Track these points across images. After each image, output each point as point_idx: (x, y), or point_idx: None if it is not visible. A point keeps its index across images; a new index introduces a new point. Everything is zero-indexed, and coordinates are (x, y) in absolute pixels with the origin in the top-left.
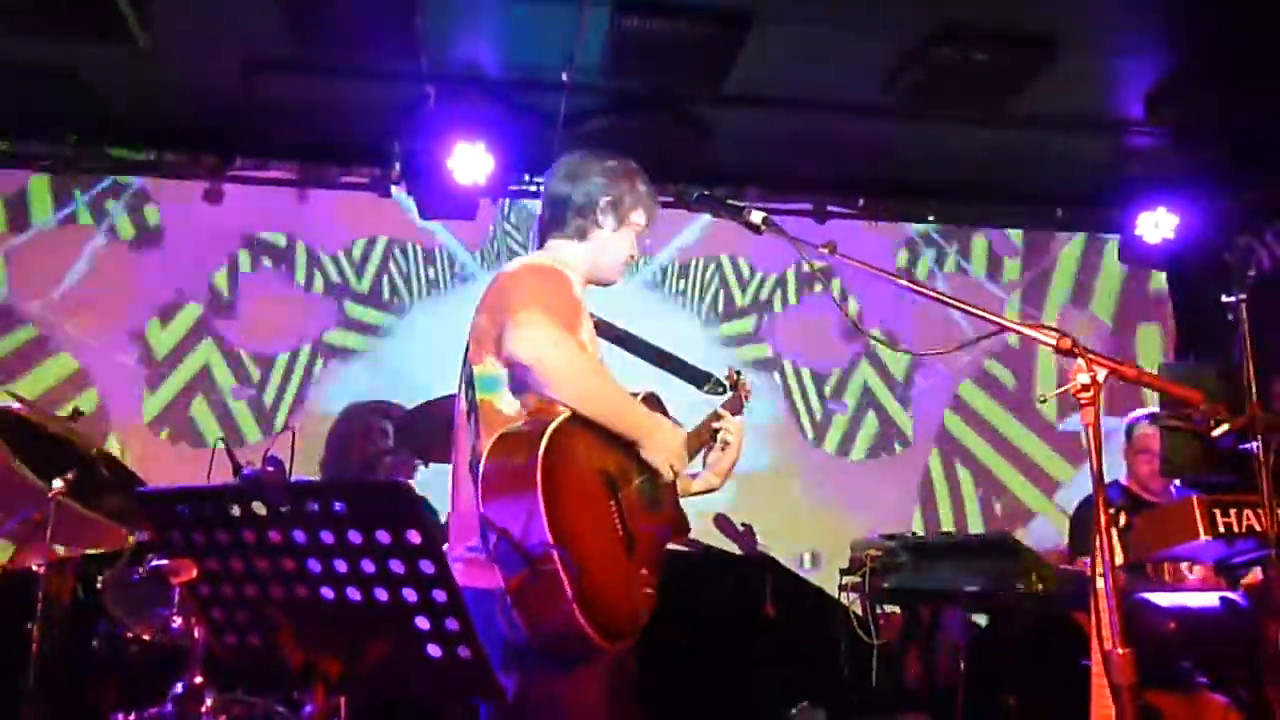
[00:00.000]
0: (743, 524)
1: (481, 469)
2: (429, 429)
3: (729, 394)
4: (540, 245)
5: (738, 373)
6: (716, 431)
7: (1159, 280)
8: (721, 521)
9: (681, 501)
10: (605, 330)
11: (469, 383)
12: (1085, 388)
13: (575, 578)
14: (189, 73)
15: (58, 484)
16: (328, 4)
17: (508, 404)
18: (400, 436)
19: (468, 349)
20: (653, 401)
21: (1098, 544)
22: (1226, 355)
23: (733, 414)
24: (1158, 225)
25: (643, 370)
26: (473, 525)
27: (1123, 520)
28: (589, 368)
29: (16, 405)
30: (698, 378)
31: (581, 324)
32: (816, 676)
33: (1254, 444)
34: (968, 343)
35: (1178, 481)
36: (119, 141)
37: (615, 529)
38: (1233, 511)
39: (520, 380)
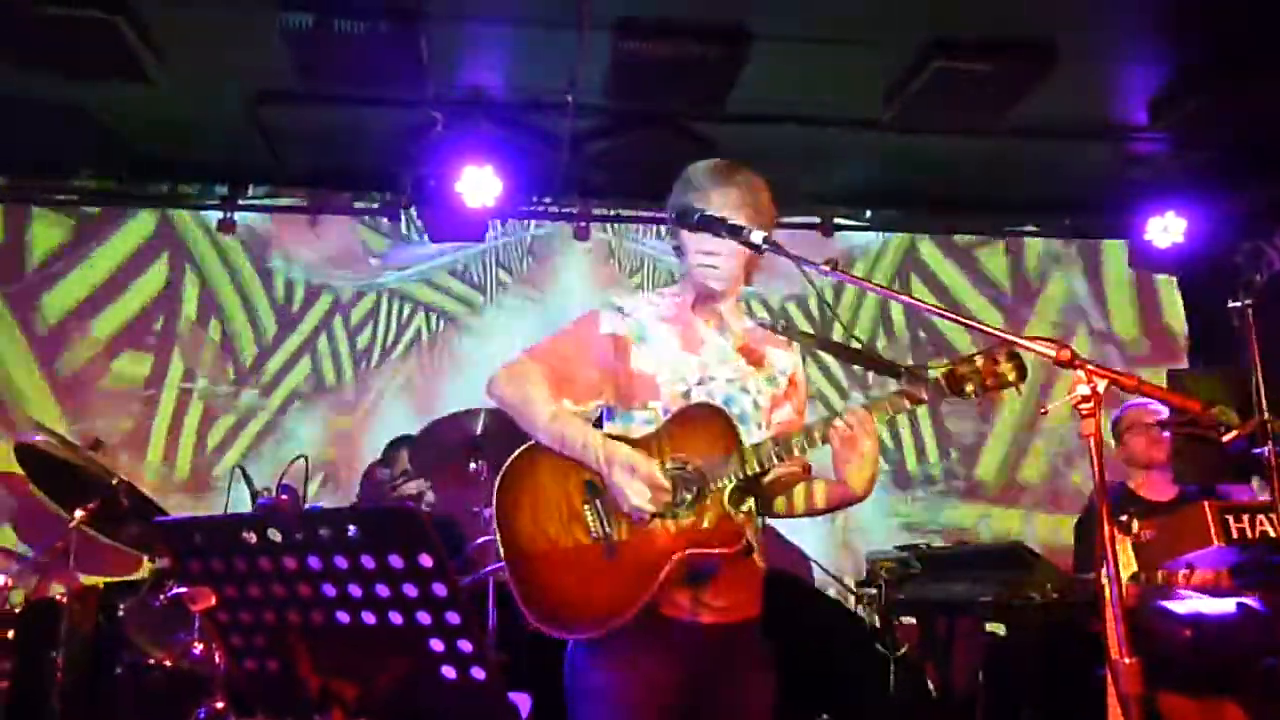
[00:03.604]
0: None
1: None
2: (440, 449)
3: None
4: None
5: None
6: (826, 427)
7: (1169, 285)
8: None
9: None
10: (795, 334)
11: None
12: (1086, 399)
13: (521, 579)
14: (200, 107)
15: (79, 513)
16: (334, 36)
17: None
18: (413, 457)
19: None
20: (703, 413)
21: (1105, 554)
22: (1237, 360)
23: (901, 405)
24: (1167, 229)
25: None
26: None
27: (1135, 527)
28: (519, 399)
29: (39, 438)
30: (894, 371)
31: (591, 354)
32: (834, 689)
33: (1265, 449)
34: (967, 357)
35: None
36: (133, 176)
37: (583, 531)
38: (1245, 517)
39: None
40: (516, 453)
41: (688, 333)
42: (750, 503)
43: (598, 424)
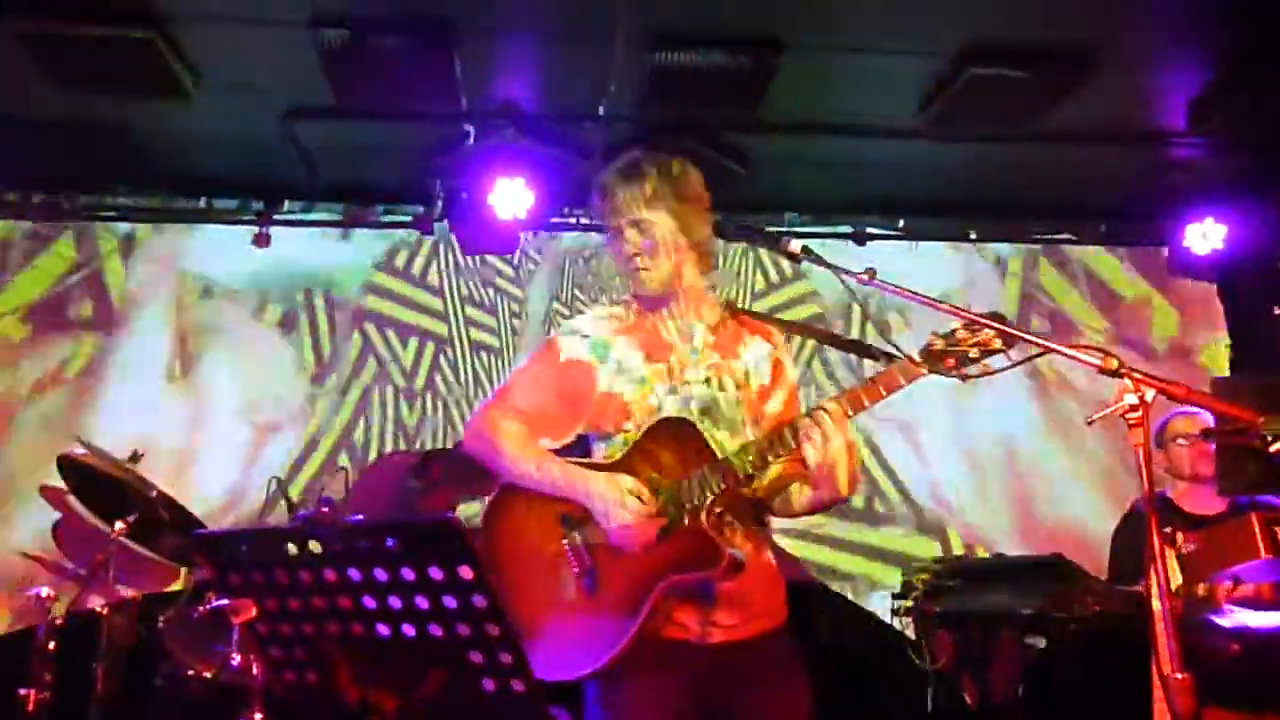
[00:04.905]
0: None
1: None
2: (469, 463)
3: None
4: None
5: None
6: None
7: (1210, 292)
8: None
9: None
10: (797, 329)
11: None
12: (1134, 408)
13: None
14: (235, 123)
15: (119, 526)
16: (367, 52)
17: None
18: (443, 472)
19: None
20: (671, 428)
21: (1153, 567)
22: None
23: (876, 393)
24: (1206, 236)
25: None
26: None
27: (1180, 540)
28: (486, 434)
29: (80, 451)
30: (871, 354)
31: (555, 386)
32: (872, 703)
33: None
34: (1010, 365)
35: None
36: (169, 191)
37: (565, 569)
38: None
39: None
40: (489, 499)
41: (650, 340)
42: (729, 517)
43: (585, 453)
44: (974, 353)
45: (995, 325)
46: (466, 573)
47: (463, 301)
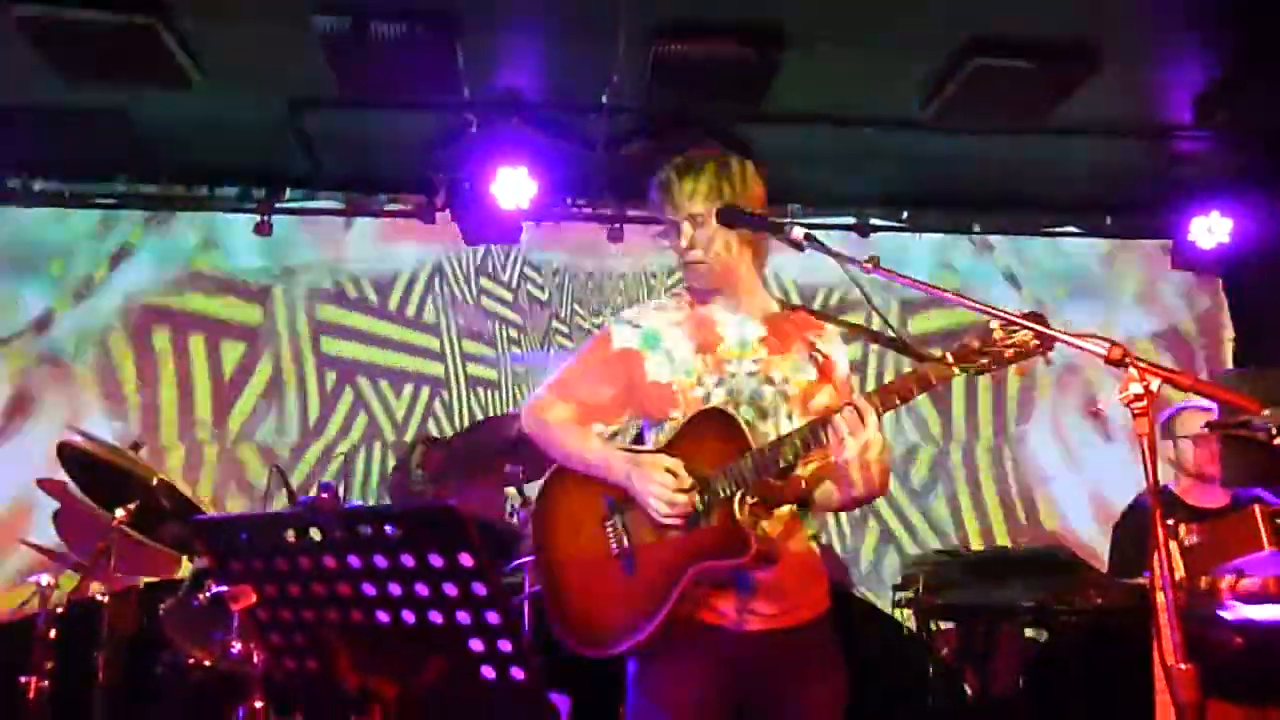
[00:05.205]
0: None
1: None
2: (478, 451)
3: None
4: None
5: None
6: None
7: (1214, 286)
8: None
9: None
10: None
11: None
12: (1139, 398)
13: (552, 591)
14: (237, 111)
15: (120, 514)
16: (370, 41)
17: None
18: (449, 459)
19: None
20: (711, 419)
21: (1157, 558)
22: None
23: (909, 390)
24: (1211, 230)
25: None
26: None
27: (1182, 532)
28: (539, 419)
29: (79, 439)
30: (911, 352)
31: (605, 374)
32: (871, 697)
33: None
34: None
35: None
36: (170, 179)
37: (605, 549)
38: None
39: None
40: (545, 477)
41: (701, 332)
42: (764, 509)
43: (638, 440)
44: (1009, 353)
45: (999, 313)
46: (467, 560)
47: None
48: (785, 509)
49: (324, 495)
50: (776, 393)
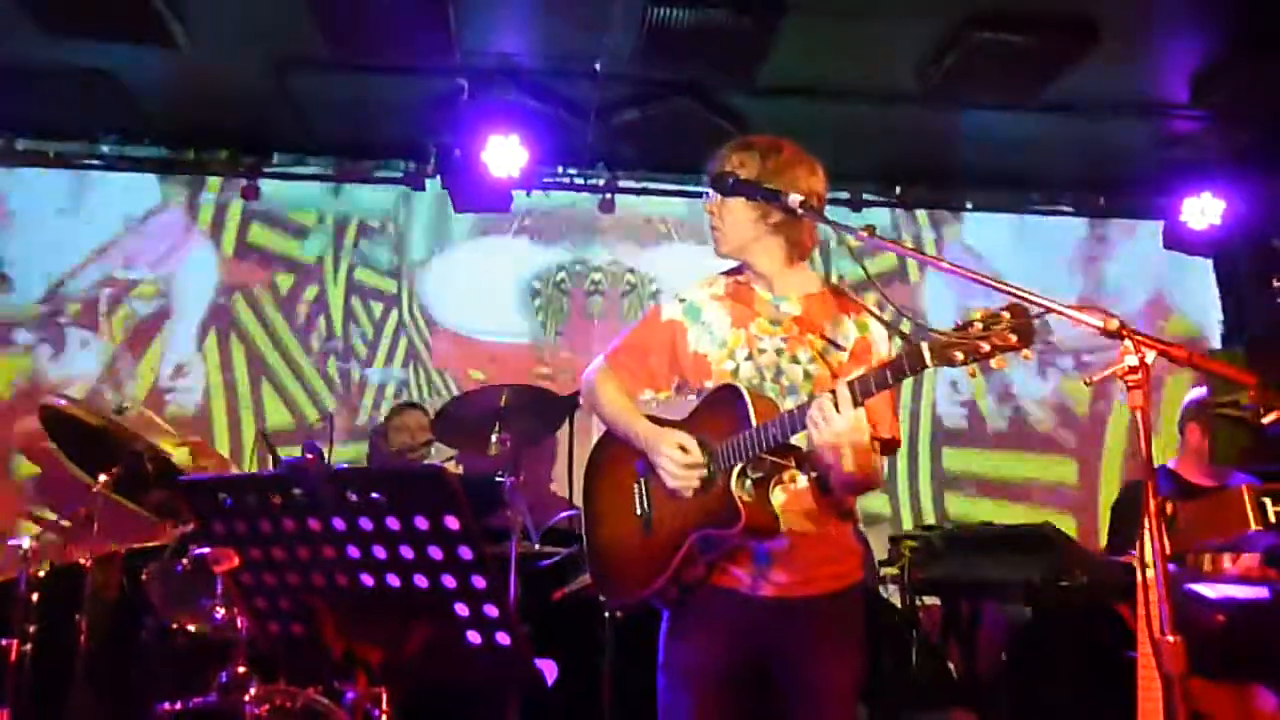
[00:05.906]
0: None
1: None
2: (465, 419)
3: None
4: None
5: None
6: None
7: (1205, 267)
8: None
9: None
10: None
11: None
12: (1133, 370)
13: (590, 542)
14: (223, 72)
15: (103, 479)
16: (360, 2)
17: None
18: (436, 426)
19: None
20: (724, 394)
21: (1147, 530)
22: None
23: (884, 379)
24: (1203, 211)
25: None
26: None
27: (1168, 509)
28: (592, 385)
29: (63, 403)
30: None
31: (655, 342)
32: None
33: None
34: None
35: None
36: (157, 142)
37: (631, 509)
38: None
39: None
40: (596, 441)
41: (739, 307)
42: (767, 482)
43: None
44: (986, 347)
45: (995, 284)
46: (452, 523)
47: None
48: (802, 484)
49: (309, 456)
50: (799, 370)
